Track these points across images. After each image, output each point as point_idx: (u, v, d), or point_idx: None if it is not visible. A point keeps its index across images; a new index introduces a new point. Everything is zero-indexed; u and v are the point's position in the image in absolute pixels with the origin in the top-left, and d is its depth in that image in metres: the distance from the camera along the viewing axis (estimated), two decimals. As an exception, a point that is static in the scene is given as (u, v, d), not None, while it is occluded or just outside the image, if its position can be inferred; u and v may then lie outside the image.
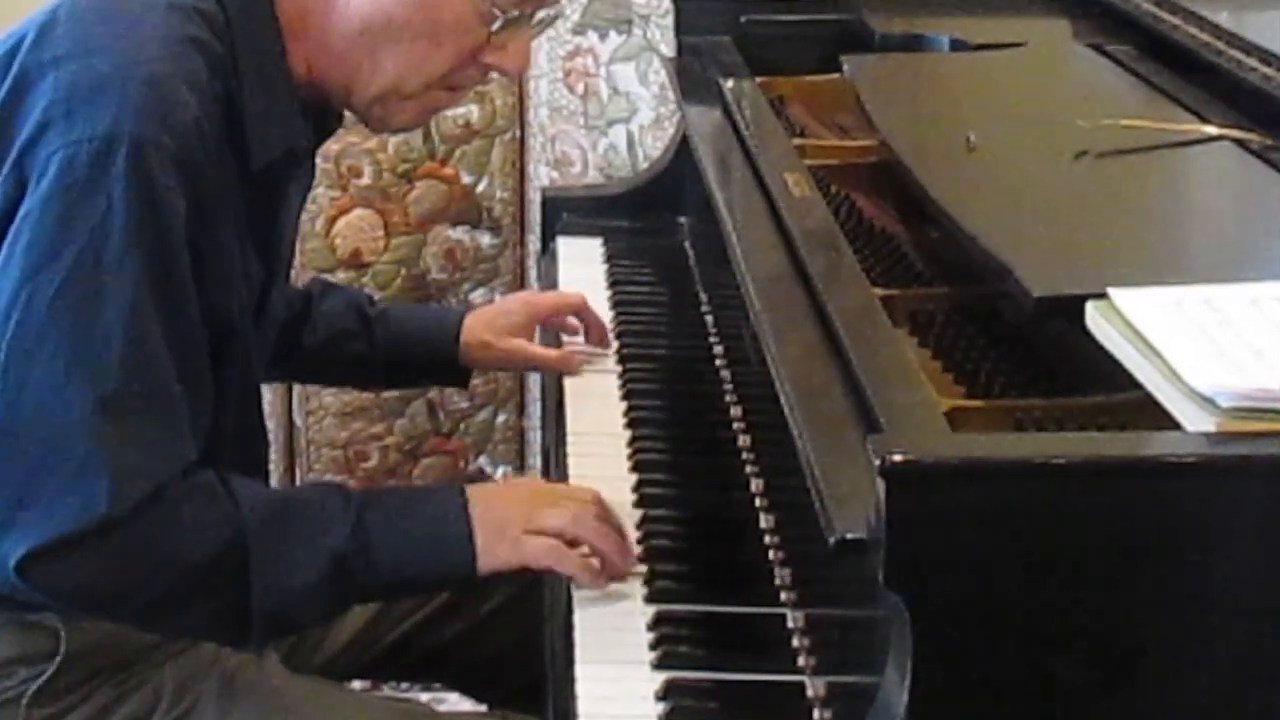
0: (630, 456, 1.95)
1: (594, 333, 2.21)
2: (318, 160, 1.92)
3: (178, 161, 1.59)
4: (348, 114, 1.85)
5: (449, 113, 2.86)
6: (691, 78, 2.37)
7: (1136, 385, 1.29)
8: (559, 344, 2.23)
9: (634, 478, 1.90)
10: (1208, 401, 1.21)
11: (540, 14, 1.78)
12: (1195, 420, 1.21)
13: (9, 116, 1.62)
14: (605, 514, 1.72)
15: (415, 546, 1.67)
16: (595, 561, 1.69)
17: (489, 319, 2.18)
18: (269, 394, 2.87)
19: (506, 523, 1.69)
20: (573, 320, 2.23)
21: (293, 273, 2.02)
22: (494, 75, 1.85)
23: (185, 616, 1.67)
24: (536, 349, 2.20)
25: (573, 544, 1.69)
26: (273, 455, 2.25)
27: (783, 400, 1.47)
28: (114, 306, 1.58)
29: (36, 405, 1.58)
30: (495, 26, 1.73)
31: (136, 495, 1.58)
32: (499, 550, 1.68)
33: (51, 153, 1.58)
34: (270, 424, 2.26)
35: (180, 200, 1.60)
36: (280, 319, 1.95)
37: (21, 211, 1.59)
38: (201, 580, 1.63)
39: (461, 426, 3.15)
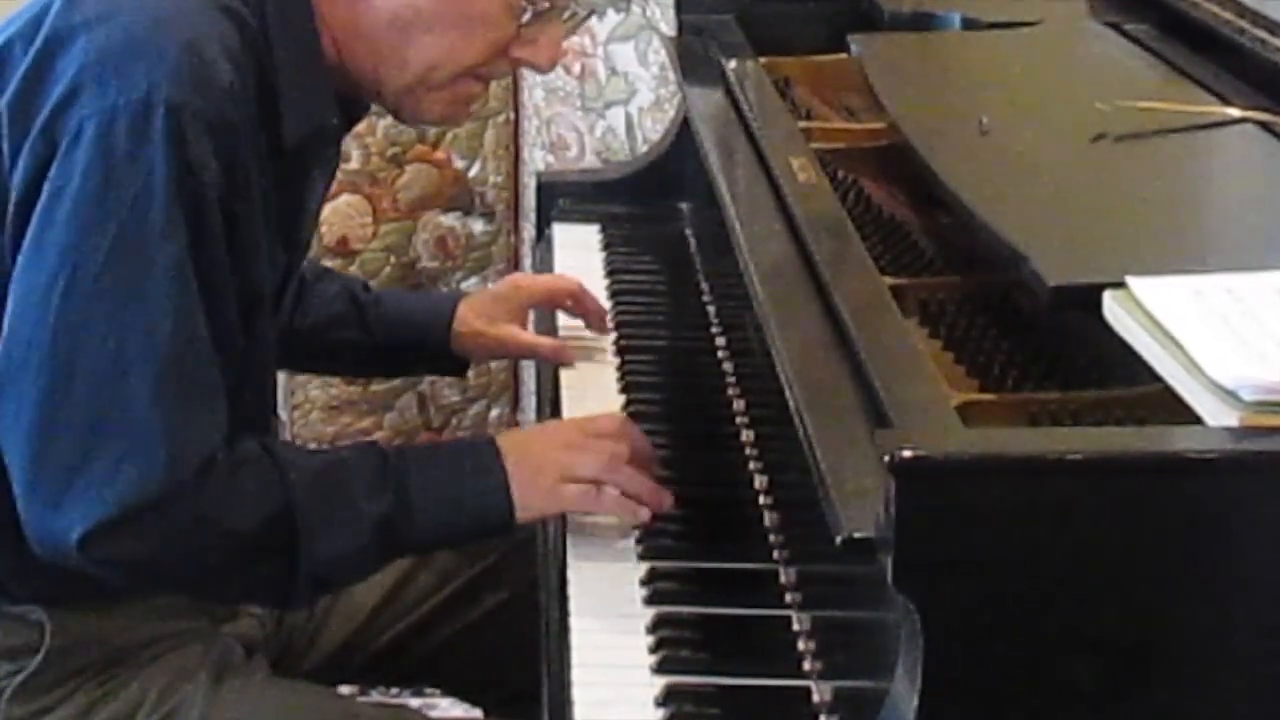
0: (629, 452, 1.93)
1: (593, 319, 2.20)
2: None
3: (213, 127, 1.60)
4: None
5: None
6: (693, 58, 2.36)
7: (1156, 378, 1.27)
8: (554, 329, 2.21)
9: (633, 474, 1.89)
10: (1230, 395, 1.20)
11: (572, 9, 1.79)
12: (1217, 414, 1.20)
13: (39, 79, 1.62)
14: (638, 449, 1.77)
15: (455, 502, 1.72)
16: (629, 502, 1.74)
17: (481, 305, 2.18)
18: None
19: (541, 474, 1.73)
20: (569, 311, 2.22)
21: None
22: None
23: (235, 584, 1.71)
24: (529, 336, 2.20)
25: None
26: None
27: (787, 394, 1.46)
28: (160, 275, 1.59)
29: (87, 376, 1.59)
30: (524, 19, 1.75)
31: (192, 465, 1.60)
32: (535, 500, 1.73)
33: (85, 116, 1.58)
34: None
35: (215, 166, 1.61)
36: (290, 308, 1.97)
37: (56, 177, 1.59)
38: (254, 547, 1.65)
39: (453, 421, 3.15)
